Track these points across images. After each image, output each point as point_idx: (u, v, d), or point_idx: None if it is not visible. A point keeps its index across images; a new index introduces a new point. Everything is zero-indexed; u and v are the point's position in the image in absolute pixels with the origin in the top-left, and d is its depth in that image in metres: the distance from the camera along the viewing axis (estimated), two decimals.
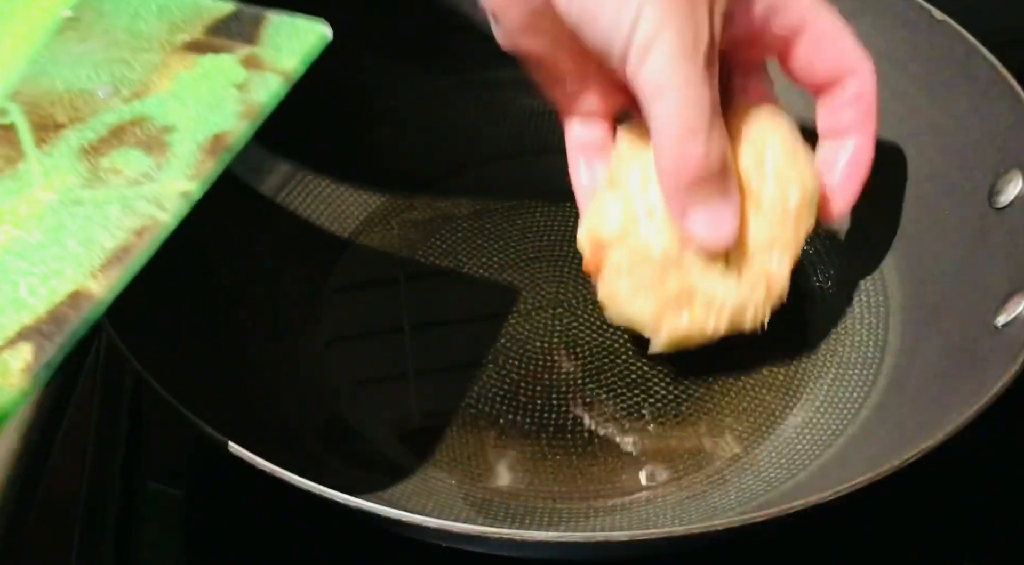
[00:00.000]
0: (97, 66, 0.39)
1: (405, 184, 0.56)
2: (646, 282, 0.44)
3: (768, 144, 0.44)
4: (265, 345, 0.49)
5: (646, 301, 0.45)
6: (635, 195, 0.44)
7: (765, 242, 0.44)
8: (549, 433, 0.47)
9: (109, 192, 0.36)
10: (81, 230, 0.34)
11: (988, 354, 0.42)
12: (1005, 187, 0.47)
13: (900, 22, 0.52)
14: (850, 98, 0.44)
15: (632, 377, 0.49)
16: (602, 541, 0.37)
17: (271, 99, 0.38)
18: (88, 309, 0.33)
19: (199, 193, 0.36)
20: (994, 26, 0.54)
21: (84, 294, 0.33)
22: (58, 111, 0.38)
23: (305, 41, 0.39)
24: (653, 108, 0.40)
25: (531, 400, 0.48)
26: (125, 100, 0.38)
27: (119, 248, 0.34)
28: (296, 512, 0.46)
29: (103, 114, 0.38)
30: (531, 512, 0.44)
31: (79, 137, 0.37)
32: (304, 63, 0.39)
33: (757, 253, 0.44)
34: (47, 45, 0.40)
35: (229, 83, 0.39)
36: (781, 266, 0.44)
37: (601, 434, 0.47)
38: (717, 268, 0.44)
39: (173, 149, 0.37)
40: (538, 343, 0.50)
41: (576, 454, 0.46)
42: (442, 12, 0.58)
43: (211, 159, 0.37)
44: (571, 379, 0.49)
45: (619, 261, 0.45)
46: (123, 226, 0.35)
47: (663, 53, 0.39)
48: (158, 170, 0.36)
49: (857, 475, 0.37)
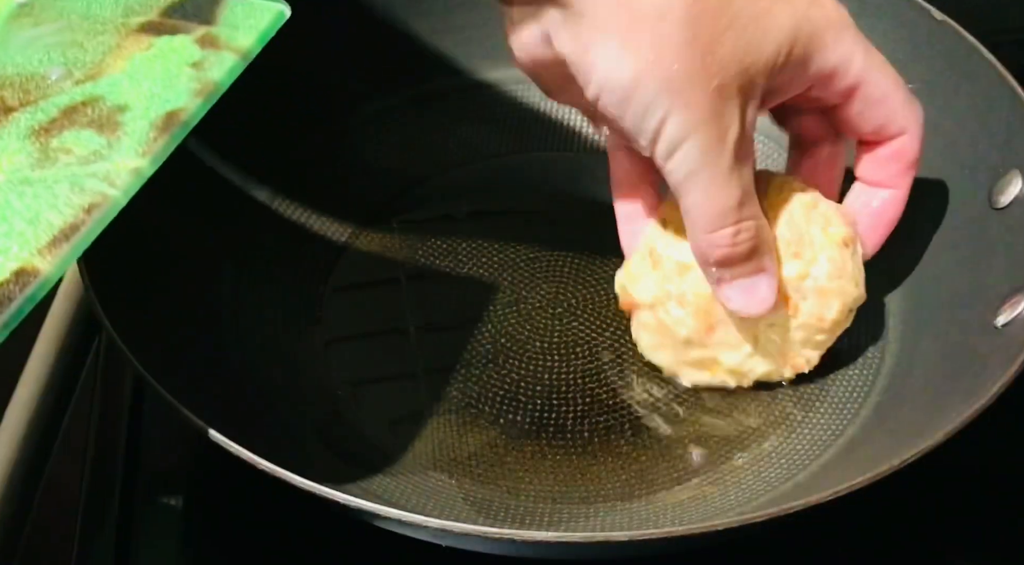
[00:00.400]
0: (50, 49, 0.40)
1: (405, 183, 0.56)
2: (669, 345, 0.47)
3: (817, 260, 0.44)
4: (265, 345, 0.49)
5: (667, 356, 0.47)
6: (671, 277, 0.45)
7: (798, 343, 0.45)
8: (549, 433, 0.47)
9: (58, 171, 0.36)
10: (28, 209, 0.35)
11: (988, 354, 0.42)
12: (1005, 187, 0.47)
13: (900, 22, 0.52)
14: (894, 153, 0.44)
15: (632, 377, 0.49)
16: (602, 541, 0.37)
17: (226, 76, 0.39)
18: (33, 286, 0.33)
19: (150, 169, 0.37)
20: (994, 26, 0.54)
21: (30, 271, 0.33)
22: (8, 94, 0.38)
23: (261, 19, 0.40)
24: (681, 198, 0.41)
25: (531, 400, 0.48)
26: (77, 82, 0.39)
27: (67, 226, 0.35)
28: (296, 512, 0.46)
29: (55, 96, 0.38)
30: (531, 512, 0.44)
31: (29, 119, 0.38)
32: (260, 41, 0.40)
33: (788, 348, 0.46)
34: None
35: (184, 62, 0.39)
36: (811, 360, 0.46)
37: (601, 434, 0.47)
38: (744, 350, 0.46)
39: (125, 128, 0.37)
40: (538, 343, 0.50)
41: (576, 454, 0.46)
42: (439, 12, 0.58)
43: (164, 136, 0.37)
44: (571, 379, 0.49)
45: (647, 321, 0.47)
46: (72, 203, 0.35)
47: (689, 154, 0.39)
48: (109, 149, 0.37)
49: (857, 475, 0.37)
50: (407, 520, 0.36)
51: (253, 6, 0.40)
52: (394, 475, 0.45)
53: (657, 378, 0.48)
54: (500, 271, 0.53)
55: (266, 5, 0.40)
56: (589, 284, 0.52)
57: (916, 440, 0.38)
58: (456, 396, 0.48)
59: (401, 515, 0.36)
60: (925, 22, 0.51)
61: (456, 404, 0.48)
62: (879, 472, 0.37)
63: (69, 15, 0.40)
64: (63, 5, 0.41)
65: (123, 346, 0.40)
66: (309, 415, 0.47)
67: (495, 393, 0.48)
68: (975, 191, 0.48)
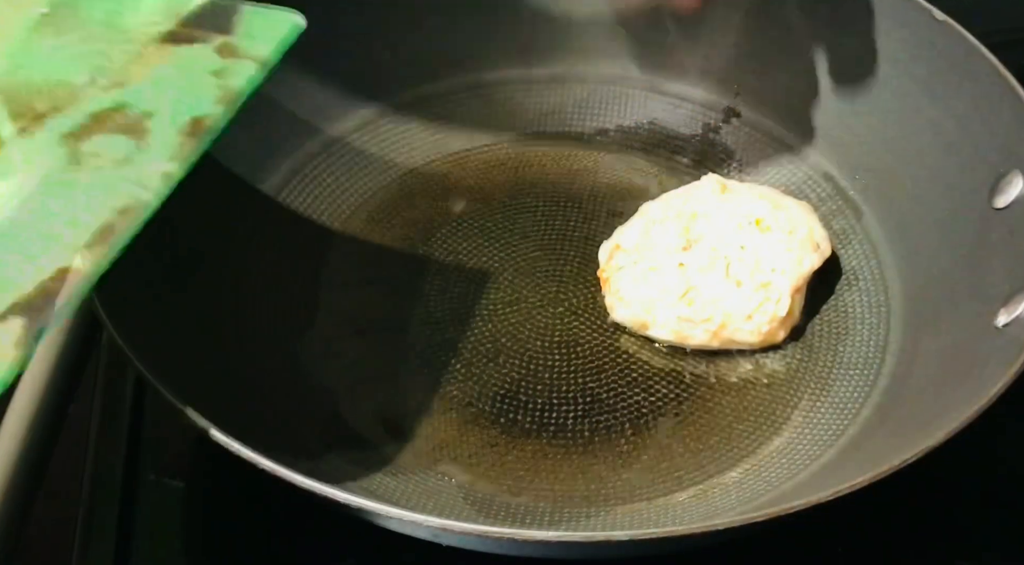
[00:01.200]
0: (75, 58, 0.40)
1: (406, 181, 0.56)
2: (653, 281, 0.49)
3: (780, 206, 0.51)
4: (265, 344, 0.49)
5: (649, 291, 0.49)
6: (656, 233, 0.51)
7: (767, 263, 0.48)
8: (549, 433, 0.47)
9: (92, 175, 0.37)
10: (65, 211, 0.36)
11: (988, 354, 0.42)
12: (1006, 188, 0.47)
13: (901, 22, 0.52)
14: None
15: (633, 376, 0.49)
16: (603, 541, 0.37)
17: (248, 84, 0.40)
18: (76, 284, 0.34)
19: (180, 173, 0.38)
20: (995, 26, 0.54)
21: (72, 270, 0.34)
22: (37, 102, 0.39)
23: (279, 30, 0.41)
24: None
25: (531, 399, 0.48)
26: (104, 89, 0.39)
27: (104, 227, 0.36)
28: (296, 511, 0.46)
29: (82, 103, 0.39)
30: (531, 512, 0.44)
31: (60, 125, 0.38)
32: (279, 51, 0.41)
33: (760, 273, 0.48)
34: (23, 40, 0.41)
35: (205, 71, 0.40)
36: (783, 280, 0.48)
37: (601, 434, 0.47)
38: (719, 277, 0.48)
39: (153, 133, 0.38)
40: (538, 342, 0.50)
41: (576, 454, 0.46)
42: None
43: (191, 141, 0.38)
44: (572, 378, 0.49)
45: (629, 263, 0.49)
46: (106, 206, 0.36)
47: None
48: (139, 153, 0.38)
49: (858, 475, 0.37)
50: (408, 519, 0.36)
51: (269, 17, 0.41)
52: (394, 474, 0.45)
53: (658, 377, 0.48)
54: (501, 270, 0.53)
55: (282, 16, 0.41)
56: (591, 283, 0.52)
57: (917, 440, 0.38)
58: (456, 395, 0.48)
59: (402, 514, 0.36)
60: (926, 22, 0.51)
61: (457, 403, 0.48)
62: (880, 472, 0.37)
63: (90, 25, 0.41)
64: (84, 15, 0.42)
65: (124, 346, 0.40)
66: (309, 414, 0.47)
67: (496, 392, 0.48)
68: (976, 191, 0.48)
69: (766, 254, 0.49)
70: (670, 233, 0.50)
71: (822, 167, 0.55)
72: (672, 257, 0.49)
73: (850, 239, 0.53)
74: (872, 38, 0.53)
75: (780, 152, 0.56)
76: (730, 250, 0.49)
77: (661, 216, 0.51)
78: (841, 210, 0.54)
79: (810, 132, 0.56)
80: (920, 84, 0.52)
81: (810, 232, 0.50)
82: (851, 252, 0.52)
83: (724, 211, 0.50)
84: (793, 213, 0.50)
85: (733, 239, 0.49)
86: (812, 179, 0.55)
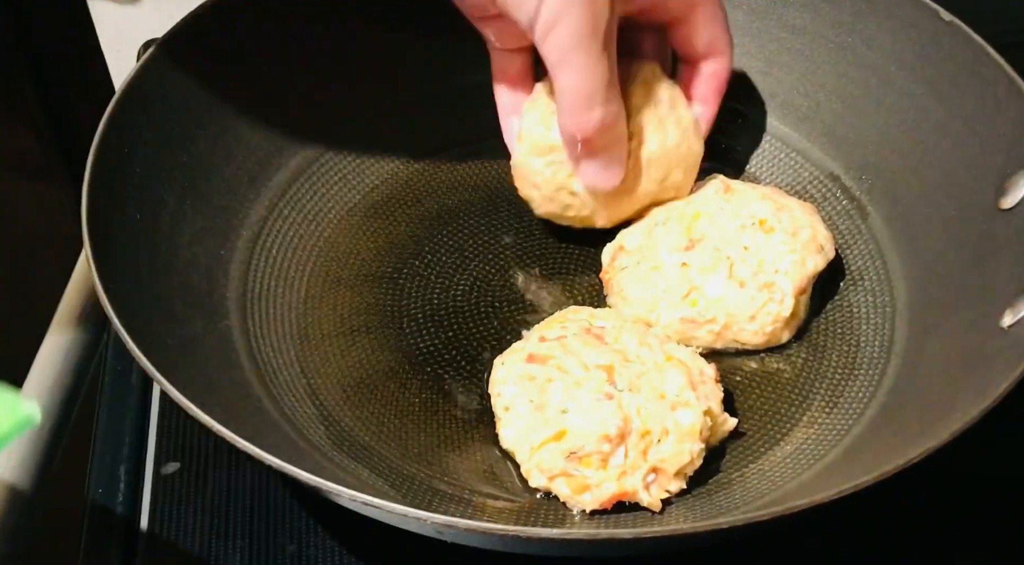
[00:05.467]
0: None
1: (406, 179, 0.57)
2: (656, 281, 0.49)
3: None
4: (265, 344, 0.49)
5: (652, 292, 0.49)
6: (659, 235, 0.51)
7: (770, 264, 0.49)
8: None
9: None
10: None
11: (994, 355, 0.42)
12: (1012, 188, 0.46)
13: (908, 23, 0.52)
14: (713, 73, 0.51)
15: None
16: (607, 538, 0.37)
17: None
18: None
19: None
20: (1002, 27, 0.54)
21: None
22: None
23: (11, 418, 0.36)
24: (556, 77, 0.45)
25: None
26: None
27: None
28: (303, 510, 0.46)
29: None
30: (536, 510, 0.44)
31: None
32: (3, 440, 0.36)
33: (763, 274, 0.49)
34: None
35: None
36: (786, 281, 0.48)
37: None
38: (722, 278, 0.49)
39: None
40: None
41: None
42: None
43: None
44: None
45: (632, 264, 0.50)
46: None
47: (564, 32, 0.44)
48: None
49: (862, 475, 0.37)
50: (413, 515, 0.36)
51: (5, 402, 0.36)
52: (395, 473, 0.45)
53: None
54: (506, 268, 0.53)
55: (17, 404, 0.36)
56: (595, 284, 0.52)
57: (922, 440, 0.38)
58: (462, 393, 0.48)
59: (407, 510, 0.36)
60: (933, 23, 0.51)
61: (457, 402, 0.48)
62: (884, 471, 0.37)
63: None
64: None
65: (131, 344, 0.40)
66: (310, 412, 0.47)
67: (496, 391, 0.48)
68: (982, 192, 0.48)
69: (769, 255, 0.49)
70: (673, 233, 0.50)
71: (828, 167, 0.55)
72: (675, 257, 0.49)
73: (856, 239, 0.53)
74: (878, 38, 0.53)
75: (785, 152, 0.56)
76: (733, 251, 0.49)
77: (664, 217, 0.51)
78: (847, 210, 0.54)
79: (815, 132, 0.56)
80: (927, 85, 0.51)
81: (814, 233, 0.49)
82: (856, 252, 0.52)
83: (727, 212, 0.50)
84: (796, 214, 0.50)
85: (736, 240, 0.49)
86: (818, 179, 0.55)
